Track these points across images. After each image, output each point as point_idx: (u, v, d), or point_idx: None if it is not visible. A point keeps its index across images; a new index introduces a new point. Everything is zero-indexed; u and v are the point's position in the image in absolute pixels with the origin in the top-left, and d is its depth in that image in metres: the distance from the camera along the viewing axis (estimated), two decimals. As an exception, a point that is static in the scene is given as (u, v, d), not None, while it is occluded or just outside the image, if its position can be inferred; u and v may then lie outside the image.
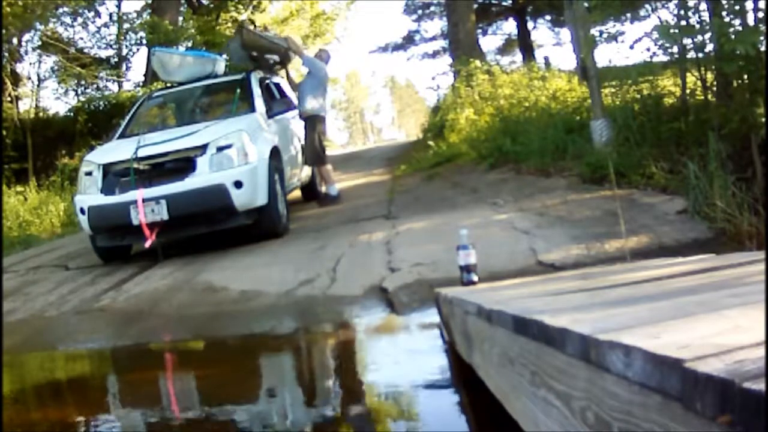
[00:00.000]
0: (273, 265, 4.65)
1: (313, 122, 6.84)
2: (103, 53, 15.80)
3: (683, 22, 5.23)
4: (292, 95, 7.38)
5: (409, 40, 24.33)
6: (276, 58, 7.43)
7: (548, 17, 22.11)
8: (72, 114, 13.52)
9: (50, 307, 4.60)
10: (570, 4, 6.58)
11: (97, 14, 15.83)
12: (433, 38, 23.92)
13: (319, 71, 6.98)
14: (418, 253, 4.24)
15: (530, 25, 22.46)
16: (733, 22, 4.84)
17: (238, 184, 5.21)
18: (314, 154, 6.89)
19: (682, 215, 4.07)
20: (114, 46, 15.76)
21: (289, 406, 2.48)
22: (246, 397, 2.59)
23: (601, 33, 6.42)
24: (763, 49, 4.30)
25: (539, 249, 3.89)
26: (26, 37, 14.55)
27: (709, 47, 4.98)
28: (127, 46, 15.68)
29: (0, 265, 5.78)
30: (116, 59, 15.55)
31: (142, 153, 5.40)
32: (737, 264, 1.77)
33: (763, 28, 4.39)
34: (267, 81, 7.05)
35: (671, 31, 4.98)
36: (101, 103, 13.63)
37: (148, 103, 7.35)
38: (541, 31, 33.10)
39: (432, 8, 22.79)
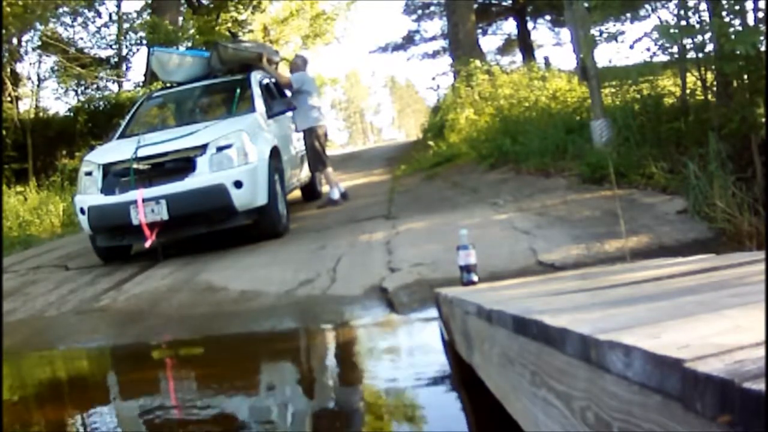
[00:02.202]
0: (273, 265, 4.65)
1: (310, 131, 6.88)
2: (103, 53, 15.80)
3: (683, 22, 5.23)
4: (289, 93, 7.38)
5: (409, 40, 24.34)
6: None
7: (548, 17, 22.12)
8: (72, 114, 13.51)
9: (50, 307, 4.60)
10: (570, 4, 6.58)
11: (97, 14, 15.83)
12: (433, 38, 23.96)
13: (307, 85, 6.96)
14: (418, 253, 4.24)
15: (530, 25, 22.48)
16: (733, 22, 4.85)
17: (238, 184, 5.21)
18: (314, 160, 6.94)
19: (682, 215, 4.07)
20: (114, 46, 15.76)
21: (288, 405, 2.48)
22: (246, 396, 2.59)
23: (601, 33, 6.44)
24: (763, 49, 4.30)
25: (539, 249, 3.89)
26: (26, 37, 14.56)
27: (709, 47, 4.99)
28: (127, 46, 15.68)
29: (0, 265, 5.78)
30: (116, 59, 15.54)
31: (142, 153, 5.40)
32: (737, 264, 1.77)
33: (763, 28, 4.39)
34: (267, 81, 7.05)
35: (671, 31, 4.98)
36: (101, 103, 13.63)
37: (148, 103, 7.35)
38: (541, 31, 33.19)
39: (432, 8, 22.82)
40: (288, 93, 7.35)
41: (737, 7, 4.84)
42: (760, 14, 4.65)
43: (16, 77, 14.28)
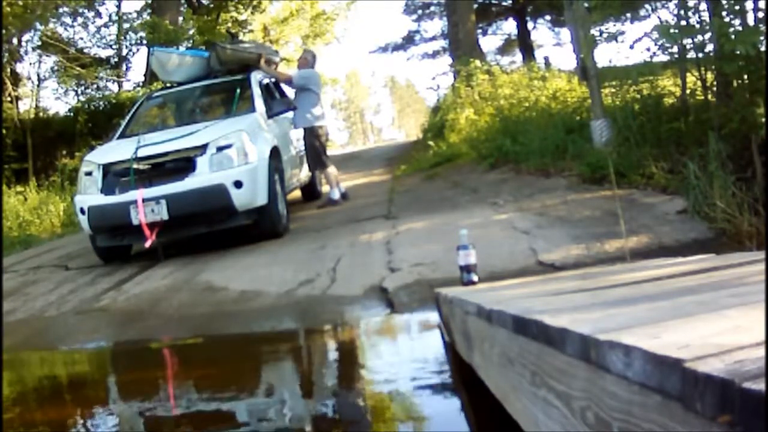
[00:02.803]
0: (273, 265, 4.65)
1: (311, 130, 6.86)
2: (103, 53, 15.81)
3: (683, 22, 5.23)
4: (289, 93, 7.37)
5: (409, 40, 24.37)
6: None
7: (548, 17, 22.15)
8: (72, 114, 13.51)
9: (50, 307, 4.60)
10: (570, 4, 6.58)
11: (97, 14, 15.84)
12: (433, 38, 23.99)
13: (312, 83, 6.94)
14: (418, 253, 4.24)
15: (530, 25, 22.50)
16: (733, 22, 4.85)
17: (238, 184, 5.21)
18: (314, 160, 6.93)
19: (682, 215, 4.07)
20: (114, 46, 15.77)
21: (288, 405, 2.48)
22: (246, 396, 2.59)
23: (601, 33, 6.44)
24: (763, 49, 4.30)
25: (539, 249, 3.89)
26: (26, 37, 14.57)
27: (709, 47, 4.99)
28: (127, 46, 15.68)
29: (0, 265, 5.78)
30: (116, 59, 15.55)
31: (142, 153, 5.40)
32: (737, 264, 1.77)
33: (763, 28, 4.39)
34: (267, 81, 7.05)
35: (671, 31, 4.98)
36: (101, 103, 13.63)
37: (148, 103, 7.35)
38: (541, 31, 33.23)
39: (432, 8, 22.85)
40: (290, 91, 7.34)
41: (737, 7, 4.84)
42: (760, 14, 4.65)
43: (16, 77, 14.29)
